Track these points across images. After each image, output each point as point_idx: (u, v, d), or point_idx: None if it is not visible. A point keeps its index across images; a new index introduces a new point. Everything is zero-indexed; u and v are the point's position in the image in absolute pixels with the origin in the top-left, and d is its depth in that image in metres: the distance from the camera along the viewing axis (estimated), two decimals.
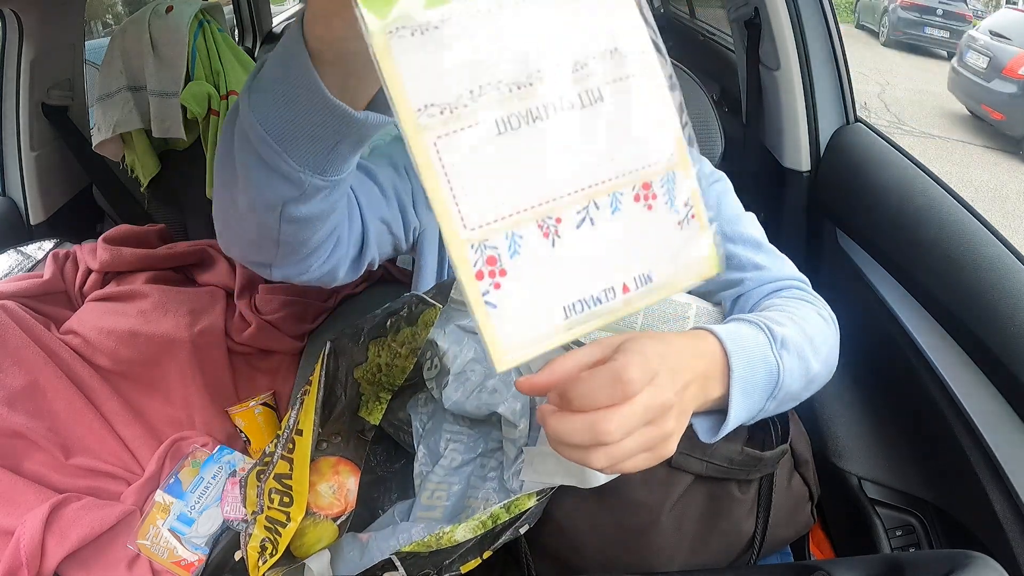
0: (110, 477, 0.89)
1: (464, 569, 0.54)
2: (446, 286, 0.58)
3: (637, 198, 0.26)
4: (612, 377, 0.36)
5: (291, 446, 0.57)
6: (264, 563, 0.57)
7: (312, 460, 0.58)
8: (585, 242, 0.26)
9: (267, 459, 0.62)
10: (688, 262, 0.27)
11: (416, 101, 0.23)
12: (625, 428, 0.36)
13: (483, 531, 0.53)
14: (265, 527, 0.58)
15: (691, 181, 0.26)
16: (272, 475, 0.58)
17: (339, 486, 0.59)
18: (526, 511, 0.53)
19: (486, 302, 0.25)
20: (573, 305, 0.27)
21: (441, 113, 0.24)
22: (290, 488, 0.57)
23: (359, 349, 0.59)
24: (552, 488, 0.53)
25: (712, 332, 0.47)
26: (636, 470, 0.40)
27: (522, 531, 0.53)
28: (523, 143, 0.25)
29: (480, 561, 0.54)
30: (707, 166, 0.72)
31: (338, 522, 0.61)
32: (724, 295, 0.65)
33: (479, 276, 0.25)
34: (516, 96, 0.24)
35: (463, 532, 0.53)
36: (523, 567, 0.58)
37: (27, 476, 0.83)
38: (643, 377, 0.37)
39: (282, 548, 0.57)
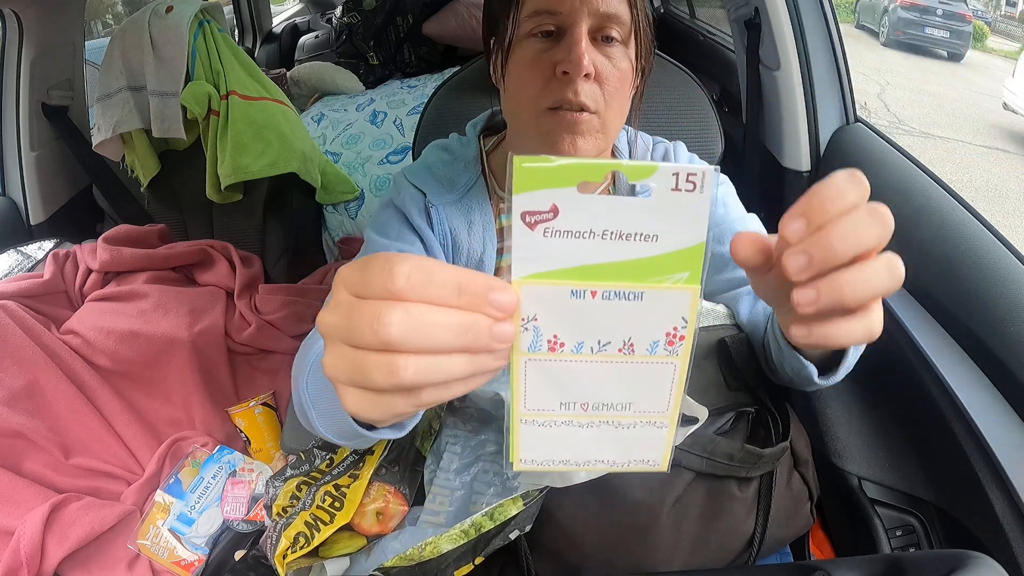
0: (110, 477, 0.89)
1: (458, 574, 0.54)
2: None
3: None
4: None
5: (361, 464, 0.62)
6: (293, 552, 0.59)
7: (370, 482, 0.61)
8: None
9: (315, 473, 0.65)
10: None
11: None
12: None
13: (466, 540, 0.53)
14: (306, 522, 0.60)
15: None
16: (332, 483, 0.62)
17: (385, 514, 0.61)
18: (512, 518, 0.53)
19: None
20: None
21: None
22: (344, 496, 0.60)
23: None
24: (540, 493, 0.53)
25: None
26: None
27: (512, 536, 0.53)
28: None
29: (473, 566, 0.54)
30: None
31: (369, 539, 0.62)
32: (740, 291, 0.66)
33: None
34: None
35: (447, 543, 0.53)
36: (522, 566, 0.58)
37: (27, 476, 0.83)
38: None
39: (315, 543, 0.58)
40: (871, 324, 0.31)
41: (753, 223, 0.69)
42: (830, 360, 0.51)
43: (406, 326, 0.24)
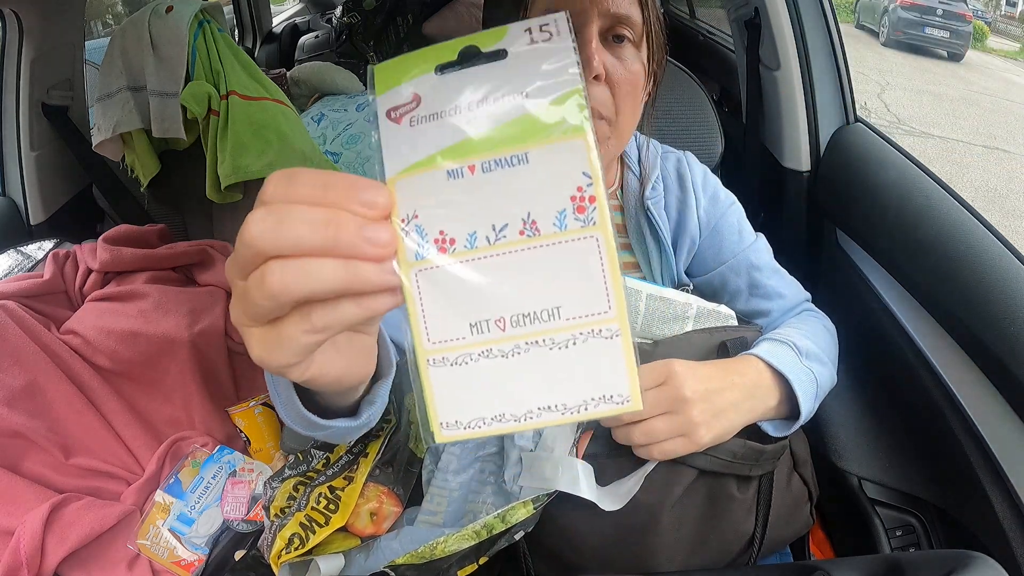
0: (110, 477, 0.89)
1: (462, 574, 0.54)
2: None
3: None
4: None
5: (356, 467, 0.62)
6: (287, 554, 0.59)
7: (365, 483, 0.62)
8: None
9: (311, 473, 0.65)
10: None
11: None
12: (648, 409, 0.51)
13: (477, 541, 0.53)
14: (301, 524, 0.60)
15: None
16: (327, 485, 0.62)
17: (379, 514, 0.61)
18: (522, 520, 0.53)
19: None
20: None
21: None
22: (339, 499, 0.60)
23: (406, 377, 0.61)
24: (549, 496, 0.53)
25: (751, 353, 0.57)
26: (674, 454, 0.52)
27: (517, 536, 0.53)
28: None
29: (477, 566, 0.55)
30: (722, 191, 0.72)
31: (363, 539, 0.62)
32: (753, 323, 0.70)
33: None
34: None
35: (456, 543, 0.53)
36: (522, 567, 0.58)
37: (27, 476, 0.83)
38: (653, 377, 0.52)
39: (310, 545, 0.58)
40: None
41: (764, 246, 0.71)
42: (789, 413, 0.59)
43: (264, 223, 0.24)
